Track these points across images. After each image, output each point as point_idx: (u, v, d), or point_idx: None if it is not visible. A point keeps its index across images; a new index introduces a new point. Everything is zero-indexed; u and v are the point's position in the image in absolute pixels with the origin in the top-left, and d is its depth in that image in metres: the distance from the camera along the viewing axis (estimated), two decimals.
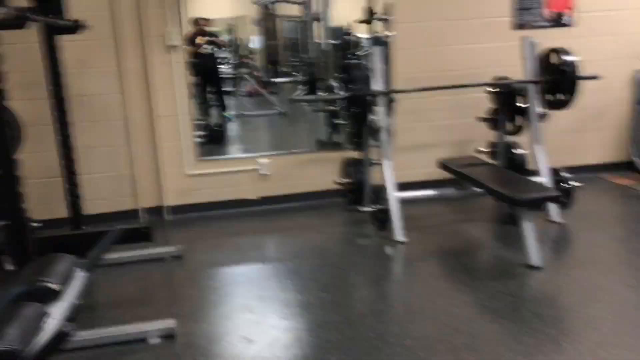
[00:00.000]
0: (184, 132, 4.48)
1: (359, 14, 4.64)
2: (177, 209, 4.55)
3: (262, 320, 2.82)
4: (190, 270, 3.51)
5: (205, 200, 4.58)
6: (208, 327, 2.78)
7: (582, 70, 3.93)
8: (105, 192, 4.39)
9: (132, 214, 4.43)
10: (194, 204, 4.57)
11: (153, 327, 2.70)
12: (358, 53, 5.37)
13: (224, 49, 7.68)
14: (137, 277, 3.41)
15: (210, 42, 6.89)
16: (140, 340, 2.64)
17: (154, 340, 2.65)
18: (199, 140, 4.61)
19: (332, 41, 6.00)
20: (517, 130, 4.34)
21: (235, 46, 8.37)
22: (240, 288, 3.23)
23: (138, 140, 4.39)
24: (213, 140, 5.87)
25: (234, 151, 6.21)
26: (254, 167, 4.64)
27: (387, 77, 4.52)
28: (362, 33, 5.29)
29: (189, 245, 3.90)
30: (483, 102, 4.48)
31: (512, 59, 4.30)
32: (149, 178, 4.46)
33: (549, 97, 4.07)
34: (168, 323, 2.72)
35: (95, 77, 4.25)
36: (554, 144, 4.91)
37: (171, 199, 4.53)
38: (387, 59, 4.45)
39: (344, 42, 6.04)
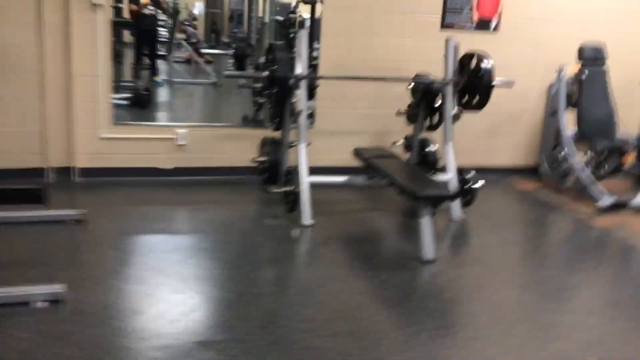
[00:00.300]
0: (102, 93, 4.36)
1: None
2: (88, 172, 4.44)
3: (154, 293, 2.82)
4: (91, 236, 3.46)
5: (117, 166, 4.50)
6: (99, 295, 2.75)
7: (500, 76, 4.09)
8: (11, 147, 4.23)
9: (39, 172, 4.30)
10: (105, 168, 4.48)
11: (40, 290, 2.65)
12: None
13: (166, 12, 7.48)
14: (32, 239, 3.33)
15: (154, 3, 6.70)
16: (24, 304, 2.60)
17: (40, 305, 2.61)
18: (123, 102, 4.51)
19: (278, 17, 5.96)
20: (433, 127, 4.48)
21: (176, 10, 8.16)
22: (139, 258, 3.22)
23: (52, 97, 4.24)
24: (138, 104, 5.73)
25: (157, 118, 6.10)
26: (171, 136, 4.58)
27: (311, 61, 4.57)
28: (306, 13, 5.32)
29: (95, 210, 3.83)
30: (405, 95, 4.60)
31: (437, 57, 4.42)
32: (60, 137, 4.33)
33: (465, 98, 4.22)
34: (57, 288, 2.68)
35: (10, 26, 4.08)
36: (468, 143, 5.13)
37: (82, 161, 4.42)
38: (311, 43, 4.50)
39: (288, 20, 6.02)
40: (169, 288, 2.89)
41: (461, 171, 4.24)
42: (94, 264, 3.09)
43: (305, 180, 3.90)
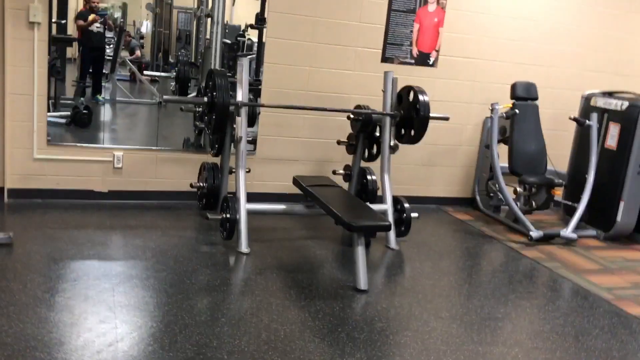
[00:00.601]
0: (37, 113, 4.26)
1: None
2: (19, 193, 4.31)
3: (78, 322, 2.75)
4: (16, 261, 3.34)
5: (51, 187, 4.39)
6: (20, 325, 2.66)
7: (438, 109, 4.22)
8: None
9: None
10: (38, 190, 4.36)
11: None
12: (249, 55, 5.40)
13: (112, 29, 7.37)
14: None
15: (101, 21, 6.59)
16: None
17: None
18: (62, 121, 4.40)
19: (227, 40, 5.96)
20: (372, 158, 4.57)
21: (122, 28, 8.04)
22: (66, 285, 3.12)
23: None
24: (78, 123, 5.61)
25: (96, 138, 5.96)
26: (108, 159, 4.50)
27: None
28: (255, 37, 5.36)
29: (23, 233, 3.72)
30: (346, 125, 4.68)
31: (378, 89, 4.53)
32: None
33: (402, 130, 4.33)
34: None
35: None
36: (407, 174, 5.26)
37: (13, 182, 4.29)
38: (258, 67, 4.54)
39: (236, 43, 6.02)
40: (95, 317, 2.81)
41: (397, 201, 4.33)
42: (17, 291, 2.98)
43: (244, 207, 3.89)
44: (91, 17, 5.98)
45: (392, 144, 4.27)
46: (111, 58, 7.43)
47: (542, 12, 5.38)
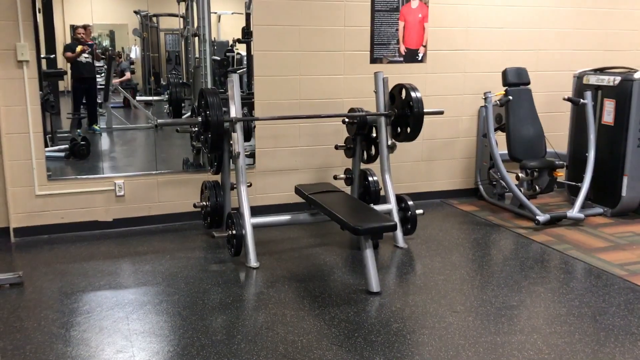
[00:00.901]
0: (35, 150, 4.28)
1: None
2: (25, 231, 4.33)
3: (96, 354, 2.75)
4: (28, 299, 3.35)
5: (55, 222, 4.40)
6: None
7: (431, 104, 4.22)
8: None
9: None
10: (43, 226, 4.38)
11: None
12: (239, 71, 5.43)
13: (102, 58, 7.40)
14: None
15: (89, 52, 6.62)
16: None
17: None
18: (60, 154, 4.42)
19: (216, 57, 5.98)
20: (371, 159, 4.58)
21: (111, 57, 8.08)
22: (80, 318, 3.13)
23: None
24: (76, 155, 5.63)
25: (95, 168, 5.99)
26: (110, 188, 4.52)
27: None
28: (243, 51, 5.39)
29: (33, 270, 3.74)
30: (342, 129, 4.69)
31: (369, 90, 4.54)
32: None
33: (398, 129, 4.34)
34: None
35: None
36: (408, 171, 5.26)
37: (17, 221, 4.30)
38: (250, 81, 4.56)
39: (226, 59, 6.04)
40: (112, 347, 2.82)
41: (401, 200, 4.33)
42: (32, 329, 2.99)
43: (248, 222, 3.90)
44: (79, 48, 6.01)
45: (389, 143, 4.27)
46: (103, 87, 7.47)
47: None
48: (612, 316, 3.18)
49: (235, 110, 3.95)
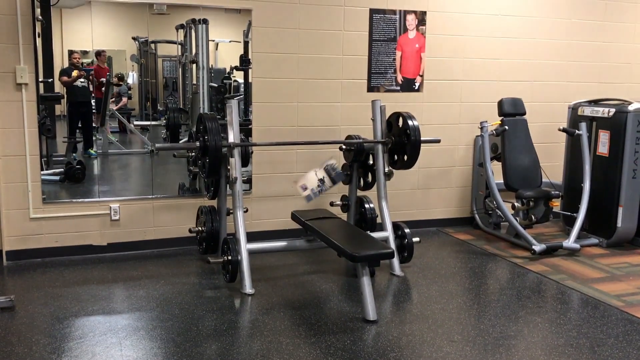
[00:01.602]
0: (31, 173, 4.27)
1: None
2: (18, 254, 4.29)
3: None
4: (19, 324, 3.30)
5: (49, 246, 4.36)
6: None
7: (428, 132, 4.25)
8: None
9: None
10: (37, 249, 4.34)
11: None
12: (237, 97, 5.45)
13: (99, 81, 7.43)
14: None
15: (85, 76, 6.65)
16: None
17: None
18: (55, 178, 4.41)
19: (213, 84, 6.02)
20: (368, 186, 4.58)
21: (107, 82, 8.11)
22: (72, 344, 3.08)
23: None
24: (72, 179, 5.61)
25: (90, 192, 5.96)
26: (105, 212, 4.49)
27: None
28: (240, 78, 5.43)
29: (25, 295, 3.69)
30: (339, 156, 4.70)
31: (366, 118, 4.57)
32: None
33: (395, 157, 4.35)
34: None
35: None
36: (404, 199, 5.27)
37: (10, 244, 4.26)
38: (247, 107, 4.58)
39: (223, 85, 6.08)
40: None
41: (398, 227, 4.32)
42: (23, 355, 2.93)
43: (244, 248, 3.87)
44: (75, 72, 6.05)
45: (386, 170, 4.28)
46: (99, 111, 7.48)
47: (520, 29, 5.47)
48: (610, 348, 3.16)
49: (233, 135, 3.96)
